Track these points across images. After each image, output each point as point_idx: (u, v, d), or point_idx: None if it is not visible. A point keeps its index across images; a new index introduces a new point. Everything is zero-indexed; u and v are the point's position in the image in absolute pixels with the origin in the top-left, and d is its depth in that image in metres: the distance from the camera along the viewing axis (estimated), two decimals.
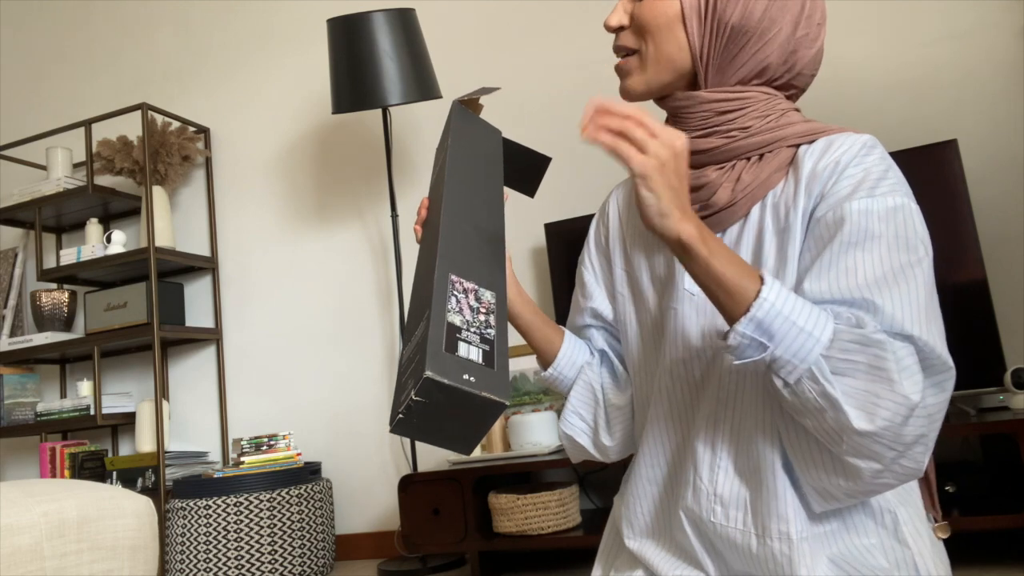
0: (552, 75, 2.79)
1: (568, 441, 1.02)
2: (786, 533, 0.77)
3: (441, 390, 0.60)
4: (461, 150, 0.92)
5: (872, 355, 0.68)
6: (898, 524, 0.80)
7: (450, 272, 0.71)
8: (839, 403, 0.68)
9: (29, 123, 3.75)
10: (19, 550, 0.96)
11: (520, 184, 1.06)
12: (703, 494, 0.83)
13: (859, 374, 0.69)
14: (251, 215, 3.23)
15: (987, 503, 1.81)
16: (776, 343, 0.69)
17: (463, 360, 0.63)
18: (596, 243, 1.04)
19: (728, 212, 0.84)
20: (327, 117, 3.13)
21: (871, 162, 0.78)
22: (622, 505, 0.96)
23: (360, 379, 2.95)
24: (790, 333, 0.69)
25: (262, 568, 2.47)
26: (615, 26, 0.88)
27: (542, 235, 2.71)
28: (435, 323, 0.64)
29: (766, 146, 0.83)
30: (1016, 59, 2.22)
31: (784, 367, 0.70)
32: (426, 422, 0.62)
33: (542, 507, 2.15)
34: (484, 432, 0.64)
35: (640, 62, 0.87)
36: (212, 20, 3.40)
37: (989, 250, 2.10)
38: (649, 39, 0.85)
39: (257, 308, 3.17)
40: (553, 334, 1.00)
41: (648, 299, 0.94)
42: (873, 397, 0.68)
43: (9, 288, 3.56)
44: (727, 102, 0.84)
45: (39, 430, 3.06)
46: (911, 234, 0.75)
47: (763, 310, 0.69)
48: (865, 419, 0.68)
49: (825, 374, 0.69)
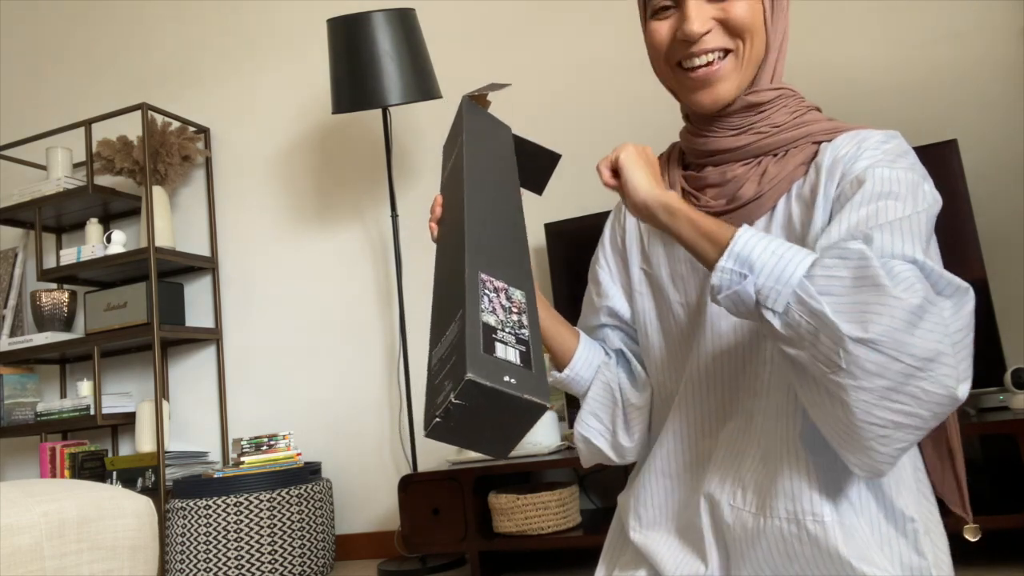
0: (552, 75, 2.79)
1: (584, 443, 1.00)
2: (792, 512, 0.77)
3: (482, 393, 0.58)
4: (476, 146, 0.90)
5: (855, 266, 0.67)
6: (918, 534, 0.79)
7: (480, 271, 0.69)
8: (826, 315, 0.66)
9: (29, 123, 3.75)
10: (19, 550, 0.96)
11: (529, 181, 1.04)
12: (729, 479, 0.83)
13: (845, 288, 0.67)
14: (251, 215, 3.23)
15: (987, 503, 1.81)
16: (756, 272, 0.71)
17: (501, 361, 0.60)
18: (612, 243, 1.03)
19: (755, 205, 0.85)
20: (327, 117, 3.13)
21: (892, 147, 0.81)
22: (630, 498, 0.95)
23: (360, 379, 2.95)
24: (769, 261, 0.71)
25: (262, 568, 2.47)
26: (703, 31, 0.83)
27: (542, 235, 2.70)
28: (470, 323, 0.62)
29: (793, 142, 0.85)
30: (1016, 59, 2.22)
31: (769, 295, 0.70)
32: (464, 425, 0.60)
33: (542, 507, 2.15)
34: (522, 435, 0.62)
35: (736, 64, 0.84)
36: (212, 20, 3.40)
37: (989, 250, 2.10)
38: (747, 38, 0.84)
39: (257, 308, 3.17)
40: (568, 335, 0.99)
41: (670, 296, 0.94)
42: (863, 306, 0.66)
43: (9, 288, 3.56)
44: (769, 103, 0.86)
45: (39, 430, 3.06)
46: (930, 208, 0.77)
47: (740, 243, 0.72)
48: (858, 328, 0.65)
49: (810, 292, 0.68)
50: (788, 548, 0.78)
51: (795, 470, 0.78)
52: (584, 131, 2.71)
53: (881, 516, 0.80)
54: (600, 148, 2.66)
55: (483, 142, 0.92)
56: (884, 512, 0.80)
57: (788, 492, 0.78)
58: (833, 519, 0.76)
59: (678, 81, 0.87)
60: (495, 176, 0.87)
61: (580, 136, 2.71)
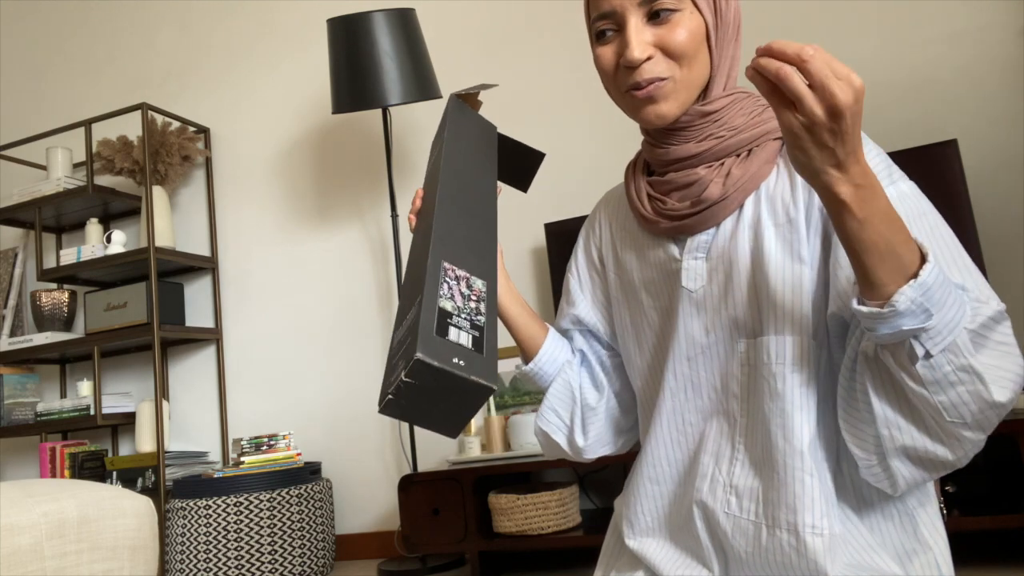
0: (552, 75, 2.79)
1: (543, 437, 1.03)
2: (793, 524, 0.78)
3: (431, 372, 0.61)
4: (457, 142, 0.93)
5: (999, 332, 0.71)
6: (917, 527, 0.81)
7: (443, 259, 0.72)
8: (983, 376, 0.69)
9: (29, 123, 3.75)
10: (19, 550, 0.96)
11: (514, 179, 1.08)
12: (720, 485, 0.83)
13: (990, 349, 0.70)
14: (251, 215, 3.23)
15: (987, 503, 1.81)
16: (937, 309, 0.68)
17: (453, 344, 0.64)
18: (586, 253, 1.04)
19: (720, 206, 0.84)
20: (327, 117, 3.13)
21: (867, 152, 0.81)
22: (623, 505, 0.96)
23: (360, 379, 2.95)
24: (949, 300, 0.68)
25: (262, 568, 2.47)
26: (643, 58, 0.82)
27: (542, 235, 2.71)
28: (427, 308, 0.65)
29: (753, 141, 0.85)
30: (1016, 59, 2.22)
31: (934, 337, 0.68)
32: (415, 404, 0.63)
33: (542, 507, 2.15)
34: (471, 415, 0.65)
35: (675, 87, 0.84)
36: (212, 20, 3.40)
37: (989, 250, 2.11)
38: (684, 64, 0.83)
39: (257, 308, 3.17)
40: (538, 330, 1.02)
41: (643, 301, 0.94)
42: (1004, 372, 0.70)
43: (9, 288, 3.56)
44: (722, 109, 0.85)
45: (39, 430, 3.06)
46: (932, 211, 0.78)
47: (933, 275, 0.67)
48: (1003, 392, 0.69)
49: (968, 347, 0.69)
50: (785, 559, 0.78)
51: (797, 481, 0.78)
52: (584, 131, 2.71)
53: (880, 515, 0.81)
54: (600, 148, 2.66)
55: (464, 139, 0.95)
56: (883, 511, 0.81)
57: (789, 504, 0.78)
58: (832, 531, 0.77)
59: (625, 103, 0.88)
60: (472, 171, 0.90)
61: (580, 136, 2.71)
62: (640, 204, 0.91)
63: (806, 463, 0.78)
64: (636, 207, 0.91)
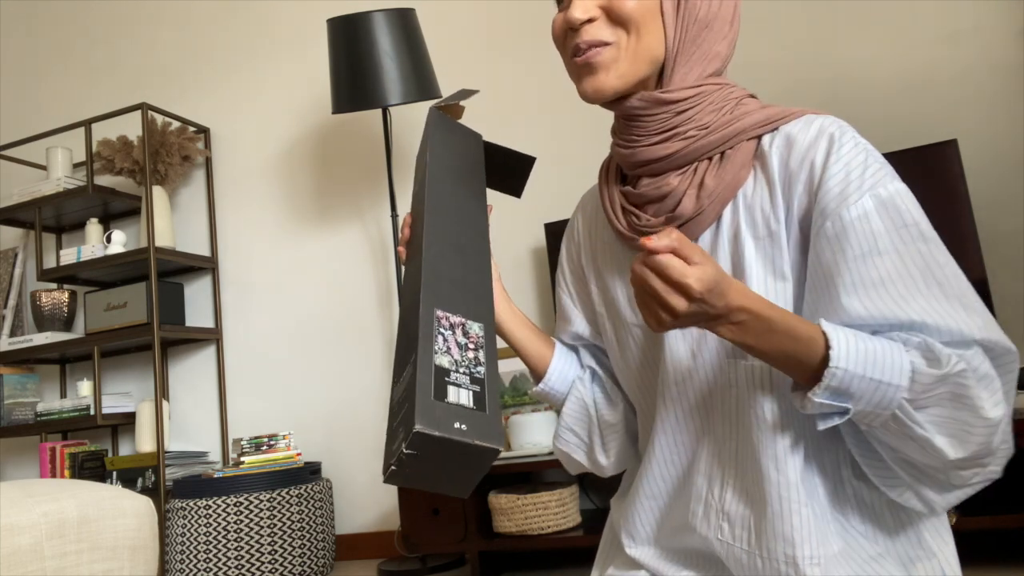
0: (552, 75, 2.79)
1: (564, 457, 1.00)
2: (792, 557, 0.75)
3: (432, 442, 0.59)
4: (440, 162, 0.89)
5: (954, 384, 0.68)
6: (921, 534, 0.78)
7: (435, 308, 0.70)
8: (929, 440, 0.68)
9: (29, 123, 3.75)
10: (19, 550, 0.96)
11: (506, 186, 1.04)
12: (712, 511, 0.81)
13: (944, 404, 0.68)
14: (251, 215, 3.23)
15: (988, 503, 1.81)
16: (856, 401, 0.68)
17: (453, 407, 0.62)
18: (569, 261, 1.00)
19: (695, 222, 0.80)
20: (327, 117, 3.13)
21: (847, 154, 0.75)
22: (621, 517, 0.94)
23: (360, 379, 2.95)
24: (868, 389, 0.67)
25: (262, 568, 2.47)
26: (584, 18, 0.78)
27: (542, 235, 2.71)
28: (422, 367, 0.63)
29: (726, 142, 0.79)
30: (1016, 59, 2.22)
31: (866, 418, 0.69)
32: (419, 472, 0.62)
33: (542, 507, 2.15)
34: (480, 476, 0.64)
35: (616, 55, 0.79)
36: (212, 20, 3.40)
37: (989, 249, 2.10)
38: (632, 30, 0.78)
39: (257, 308, 3.17)
40: (545, 348, 0.99)
41: (627, 318, 0.90)
42: (962, 424, 0.68)
43: (9, 288, 3.56)
44: (685, 101, 0.80)
45: (39, 430, 3.06)
46: (915, 218, 0.74)
47: (836, 379, 0.67)
48: (958, 447, 0.68)
49: (911, 416, 0.68)
50: None
51: (794, 514, 0.76)
52: (584, 130, 2.71)
53: (882, 532, 0.79)
54: (600, 148, 2.66)
55: (447, 157, 0.91)
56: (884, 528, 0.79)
57: (787, 537, 0.76)
58: (829, 554, 0.75)
59: (571, 73, 0.83)
60: (459, 195, 0.86)
61: (580, 135, 2.71)
62: (615, 218, 0.86)
63: (800, 496, 0.75)
64: (612, 221, 0.87)
